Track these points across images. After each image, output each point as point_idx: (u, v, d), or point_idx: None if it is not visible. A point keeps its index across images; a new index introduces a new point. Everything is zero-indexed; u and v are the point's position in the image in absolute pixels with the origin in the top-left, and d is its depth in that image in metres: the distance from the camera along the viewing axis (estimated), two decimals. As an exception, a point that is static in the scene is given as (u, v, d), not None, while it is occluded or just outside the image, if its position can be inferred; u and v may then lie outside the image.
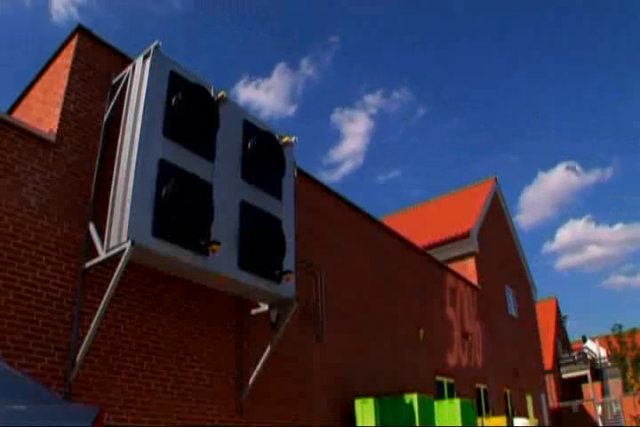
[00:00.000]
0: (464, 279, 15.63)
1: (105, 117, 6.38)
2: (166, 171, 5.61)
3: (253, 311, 7.37)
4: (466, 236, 17.14)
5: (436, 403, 9.12)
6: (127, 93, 6.07)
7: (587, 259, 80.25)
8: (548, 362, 27.16)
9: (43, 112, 6.35)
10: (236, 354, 7.11)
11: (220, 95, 6.43)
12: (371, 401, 8.53)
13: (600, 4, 62.15)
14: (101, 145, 6.22)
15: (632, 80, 63.60)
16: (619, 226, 79.53)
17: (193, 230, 5.66)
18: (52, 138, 5.76)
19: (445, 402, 9.16)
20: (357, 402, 8.67)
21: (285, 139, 7.45)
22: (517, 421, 12.94)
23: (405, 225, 18.66)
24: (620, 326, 27.87)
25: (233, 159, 6.62)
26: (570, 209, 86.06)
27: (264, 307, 7.24)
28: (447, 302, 13.98)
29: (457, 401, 8.98)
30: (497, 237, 19.87)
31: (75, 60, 6.26)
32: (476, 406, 12.97)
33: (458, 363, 13.68)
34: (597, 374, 29.20)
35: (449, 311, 13.93)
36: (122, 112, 6.01)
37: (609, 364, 29.02)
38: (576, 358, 29.71)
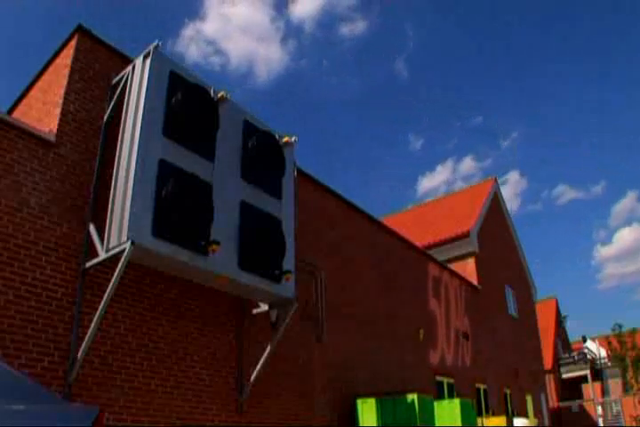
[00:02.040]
0: (464, 279, 15.63)
1: (105, 117, 6.38)
2: (166, 171, 5.60)
3: (253, 311, 7.36)
4: (466, 236, 17.14)
5: (435, 403, 9.13)
6: (127, 93, 6.06)
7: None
8: (547, 362, 27.15)
9: (43, 112, 6.35)
10: (236, 354, 7.11)
11: (219, 95, 6.42)
12: (372, 401, 8.53)
13: (600, 4, 62.19)
14: (101, 145, 6.22)
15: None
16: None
17: (193, 230, 5.66)
18: (52, 138, 5.75)
19: (445, 402, 9.16)
20: (359, 402, 8.67)
21: (285, 139, 7.44)
22: (517, 421, 12.93)
23: (405, 225, 18.68)
24: (620, 326, 27.93)
25: (233, 159, 6.61)
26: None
27: (264, 307, 7.25)
28: (447, 302, 13.98)
29: (457, 401, 8.99)
30: (497, 237, 19.87)
31: (74, 60, 6.25)
32: (475, 406, 12.96)
33: (458, 363, 13.68)
34: (597, 374, 29.20)
35: (449, 311, 13.93)
36: (122, 112, 6.00)
37: (609, 364, 29.03)
38: (576, 358, 29.71)
